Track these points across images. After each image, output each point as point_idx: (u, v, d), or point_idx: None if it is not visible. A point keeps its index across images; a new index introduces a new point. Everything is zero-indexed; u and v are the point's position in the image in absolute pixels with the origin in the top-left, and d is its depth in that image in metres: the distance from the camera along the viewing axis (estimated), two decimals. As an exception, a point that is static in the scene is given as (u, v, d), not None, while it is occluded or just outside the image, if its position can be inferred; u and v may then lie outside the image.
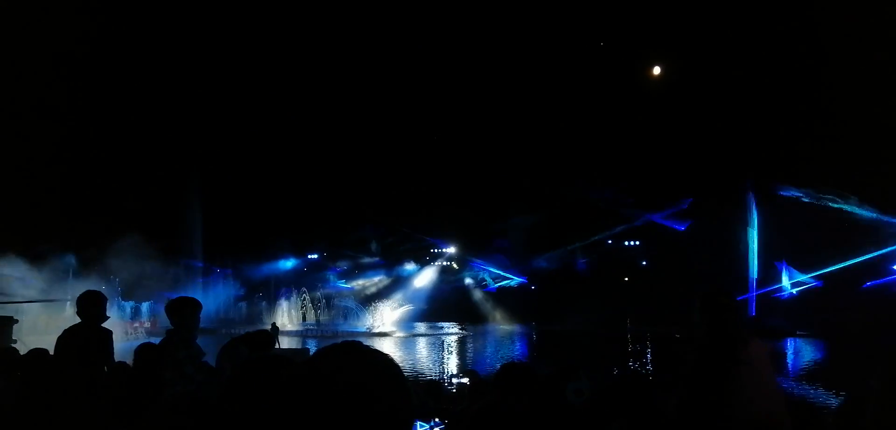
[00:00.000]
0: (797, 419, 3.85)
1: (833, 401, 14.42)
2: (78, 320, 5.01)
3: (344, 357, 1.12)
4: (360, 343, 1.17)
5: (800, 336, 32.21)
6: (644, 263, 48.57)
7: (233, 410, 1.51)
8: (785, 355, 25.96)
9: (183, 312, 4.90)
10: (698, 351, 4.07)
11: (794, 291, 40.30)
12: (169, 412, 4.13)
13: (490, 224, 47.81)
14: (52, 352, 4.89)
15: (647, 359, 25.43)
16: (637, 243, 49.42)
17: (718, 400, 3.66)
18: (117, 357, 5.35)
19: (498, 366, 3.65)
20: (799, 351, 28.05)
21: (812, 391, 15.82)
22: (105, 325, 5.13)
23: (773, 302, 39.88)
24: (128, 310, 38.46)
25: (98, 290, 5.33)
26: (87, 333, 4.88)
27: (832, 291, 37.18)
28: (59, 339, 4.87)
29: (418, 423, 3.97)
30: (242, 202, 45.19)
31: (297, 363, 1.19)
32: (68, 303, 28.46)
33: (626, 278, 47.29)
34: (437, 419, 3.92)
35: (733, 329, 3.98)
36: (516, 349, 30.41)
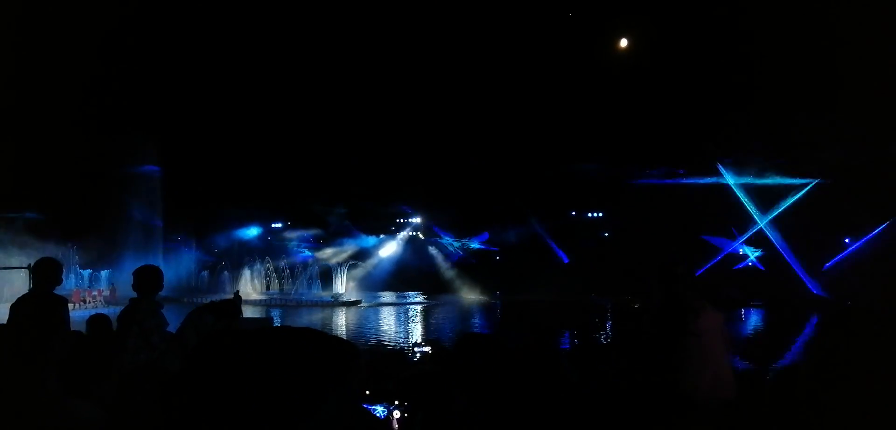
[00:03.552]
0: (744, 387, 4.01)
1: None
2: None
3: (296, 338, 1.18)
4: (311, 329, 1.24)
5: (754, 306, 33.26)
6: (606, 234, 49.32)
7: (194, 381, 1.53)
8: (738, 324, 26.83)
9: (150, 280, 4.85)
10: (653, 320, 4.20)
11: (753, 260, 41.58)
12: (131, 380, 4.11)
13: (456, 195, 47.83)
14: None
15: (607, 327, 25.96)
16: (600, 214, 50.13)
17: (668, 368, 3.79)
18: (73, 326, 5.27)
19: (462, 337, 3.71)
20: (751, 321, 29.00)
21: (757, 359, 16.39)
22: (58, 292, 5.04)
23: (730, 271, 41.07)
24: (86, 278, 37.73)
25: (53, 258, 5.22)
26: (40, 300, 4.80)
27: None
28: (12, 307, 4.78)
29: (379, 406, 4.01)
30: (205, 169, 44.34)
31: (253, 342, 1.24)
32: (25, 271, 27.82)
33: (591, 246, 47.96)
34: (396, 402, 3.97)
35: (687, 299, 4.11)
36: (480, 319, 30.75)
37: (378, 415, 3.94)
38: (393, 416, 3.90)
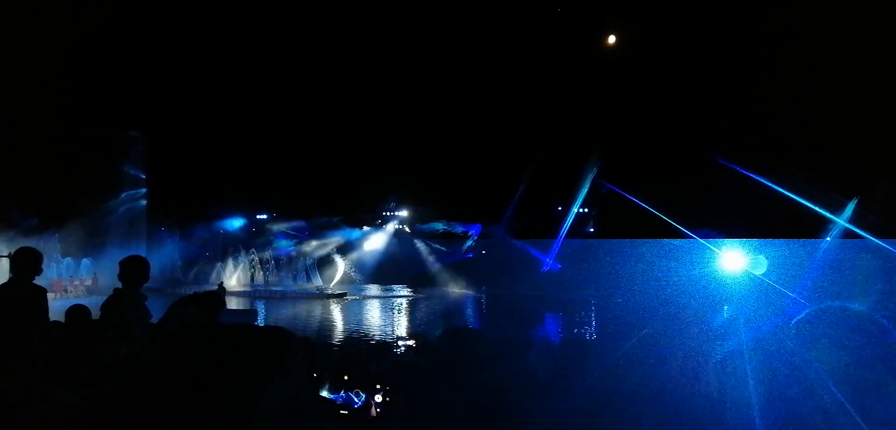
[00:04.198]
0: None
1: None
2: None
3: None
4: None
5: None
6: (591, 229, 49.56)
7: (169, 372, 1.57)
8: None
9: (137, 271, 4.80)
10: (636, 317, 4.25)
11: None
12: (111, 371, 4.10)
13: (442, 189, 47.86)
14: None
15: (591, 322, 26.15)
16: (585, 210, 50.30)
17: (650, 365, 3.84)
18: (53, 316, 5.22)
19: (444, 330, 3.74)
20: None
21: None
22: (37, 282, 4.98)
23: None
24: (67, 267, 37.30)
25: (32, 247, 5.15)
26: (19, 290, 4.74)
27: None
28: (-10, 297, 4.72)
29: (358, 392, 4.03)
30: (189, 160, 44.03)
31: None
32: (4, 260, 27.45)
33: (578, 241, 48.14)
34: (377, 387, 3.99)
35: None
36: (463, 313, 30.82)
37: (356, 401, 3.96)
38: (373, 400, 3.92)
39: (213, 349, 1.20)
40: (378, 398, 3.92)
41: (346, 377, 4.06)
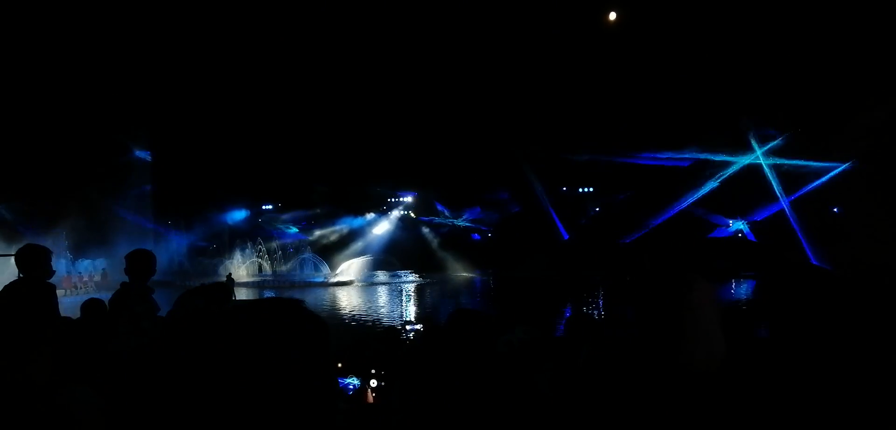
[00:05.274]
0: (733, 357, 4.01)
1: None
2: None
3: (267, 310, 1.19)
4: (282, 297, 1.24)
5: (744, 277, 33.56)
6: (597, 209, 49.50)
7: (173, 358, 1.53)
8: (729, 295, 27.10)
9: (143, 265, 4.82)
10: (646, 295, 4.19)
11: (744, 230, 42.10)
12: (122, 365, 4.10)
13: (448, 173, 47.75)
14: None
15: (599, 301, 26.17)
16: (590, 189, 50.24)
17: (663, 344, 3.79)
18: (64, 313, 5.23)
19: (449, 313, 3.72)
20: (740, 291, 29.31)
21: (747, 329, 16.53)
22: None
23: (720, 242, 41.46)
24: (75, 265, 37.48)
25: (39, 244, 5.15)
26: (29, 288, 4.75)
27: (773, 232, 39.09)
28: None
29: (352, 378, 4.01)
30: (194, 153, 44.02)
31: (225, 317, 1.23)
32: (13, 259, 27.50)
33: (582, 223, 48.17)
34: (372, 372, 3.96)
35: (678, 273, 4.10)
36: (473, 296, 30.87)
37: (349, 388, 3.95)
38: (368, 386, 3.90)
39: (221, 334, 1.14)
40: (373, 383, 3.89)
41: (339, 365, 4.04)
